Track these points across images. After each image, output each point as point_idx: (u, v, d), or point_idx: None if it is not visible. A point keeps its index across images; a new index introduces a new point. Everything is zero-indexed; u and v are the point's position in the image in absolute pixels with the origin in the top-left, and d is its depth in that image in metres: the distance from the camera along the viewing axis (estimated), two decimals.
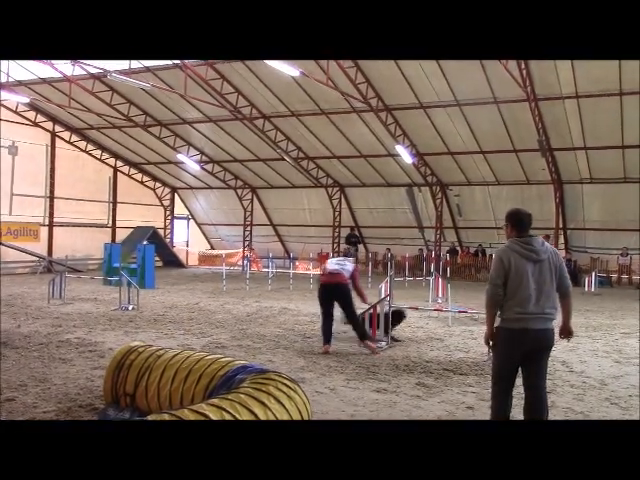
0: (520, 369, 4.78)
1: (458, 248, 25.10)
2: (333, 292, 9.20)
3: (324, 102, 19.96)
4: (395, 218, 25.68)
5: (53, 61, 18.45)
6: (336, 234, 26.79)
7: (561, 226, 22.43)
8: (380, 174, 24.35)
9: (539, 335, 4.67)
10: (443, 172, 23.34)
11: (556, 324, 4.80)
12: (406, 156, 21.25)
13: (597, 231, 22.32)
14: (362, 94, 18.40)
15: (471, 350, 9.11)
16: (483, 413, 5.74)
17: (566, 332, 4.86)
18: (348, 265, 9.43)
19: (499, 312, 4.77)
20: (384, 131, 20.55)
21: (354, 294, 9.30)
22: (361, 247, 26.89)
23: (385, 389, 6.76)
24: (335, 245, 26.71)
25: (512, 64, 15.63)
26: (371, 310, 9.68)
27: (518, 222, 4.86)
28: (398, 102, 19.28)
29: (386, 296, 10.14)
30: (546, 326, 4.70)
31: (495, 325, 4.80)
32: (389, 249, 25.24)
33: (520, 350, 4.67)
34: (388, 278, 10.78)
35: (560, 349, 9.27)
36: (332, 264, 9.57)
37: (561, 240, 22.61)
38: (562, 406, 6.17)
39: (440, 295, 14.54)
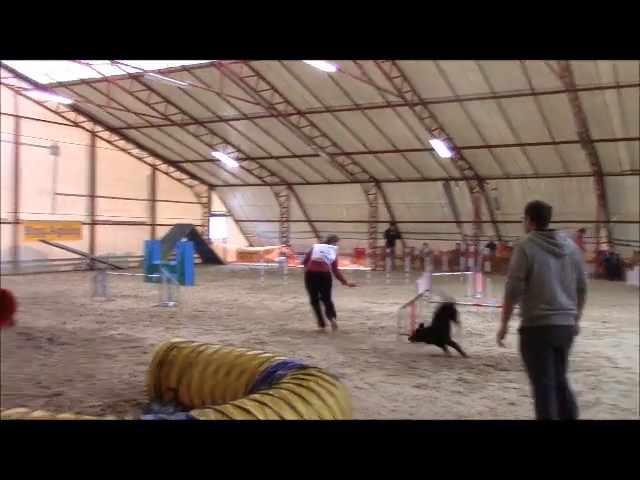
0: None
1: (496, 242, 24.79)
2: (316, 280, 10.34)
3: (359, 97, 19.91)
4: (432, 213, 25.48)
5: (92, 62, 18.79)
6: (372, 229, 26.71)
7: (603, 219, 21.96)
8: (416, 168, 24.19)
9: (564, 331, 4.61)
10: (480, 166, 23.07)
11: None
12: (442, 150, 21.07)
13: None
14: (397, 88, 18.30)
15: (512, 345, 8.96)
16: (525, 409, 5.68)
17: (576, 329, 4.76)
18: (332, 254, 10.47)
19: (521, 311, 4.67)
20: (420, 125, 20.40)
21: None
22: (398, 242, 26.79)
23: (425, 385, 6.74)
24: (372, 240, 26.63)
25: None
26: (409, 307, 9.62)
27: (538, 215, 4.74)
28: (433, 95, 19.11)
29: (425, 291, 10.09)
30: (569, 322, 4.63)
31: (520, 326, 4.67)
32: (426, 244, 25.07)
33: (550, 346, 4.59)
34: (426, 273, 10.71)
35: (604, 344, 9.11)
36: (316, 252, 10.50)
37: (602, 233, 22.14)
38: (607, 403, 6.07)
39: (479, 290, 14.38)
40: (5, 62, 20.72)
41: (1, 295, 10.48)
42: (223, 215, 31.49)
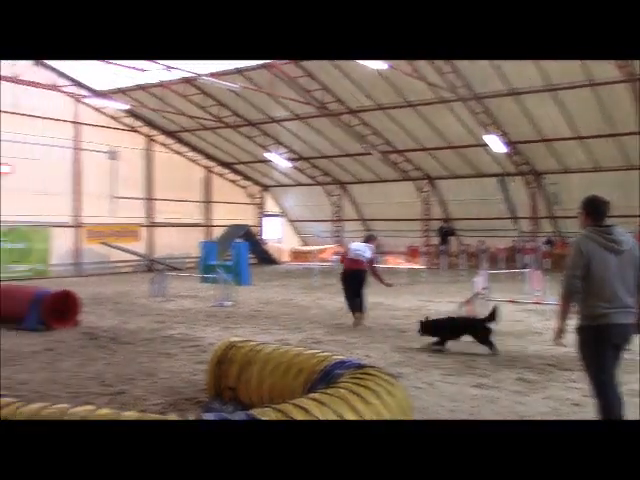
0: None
1: (555, 238, 24.18)
2: (352, 277, 10.67)
3: (411, 94, 19.74)
4: (487, 209, 25.03)
5: (148, 67, 19.23)
6: (426, 227, 26.45)
7: None
8: (470, 164, 23.85)
9: (623, 330, 4.46)
10: (537, 160, 22.55)
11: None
12: (497, 145, 20.69)
13: None
14: (450, 84, 18.06)
15: (570, 345, 8.76)
16: (589, 410, 5.51)
17: (638, 327, 4.56)
18: (367, 252, 10.64)
19: (580, 309, 4.54)
20: (473, 120, 20.09)
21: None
22: (453, 239, 26.47)
23: (485, 384, 6.63)
24: (425, 238, 26.37)
25: None
26: (465, 307, 9.49)
27: (595, 210, 4.56)
28: (487, 90, 18.78)
29: (482, 289, 9.92)
30: (629, 320, 4.46)
31: (579, 324, 4.56)
32: (482, 241, 24.67)
33: (610, 345, 4.46)
34: (482, 271, 10.54)
35: None
36: (353, 251, 10.88)
37: None
38: None
39: (537, 288, 14.06)
40: (65, 71, 21.42)
41: (65, 296, 10.84)
42: (277, 215, 31.76)
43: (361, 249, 10.81)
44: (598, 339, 4.47)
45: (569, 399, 6.05)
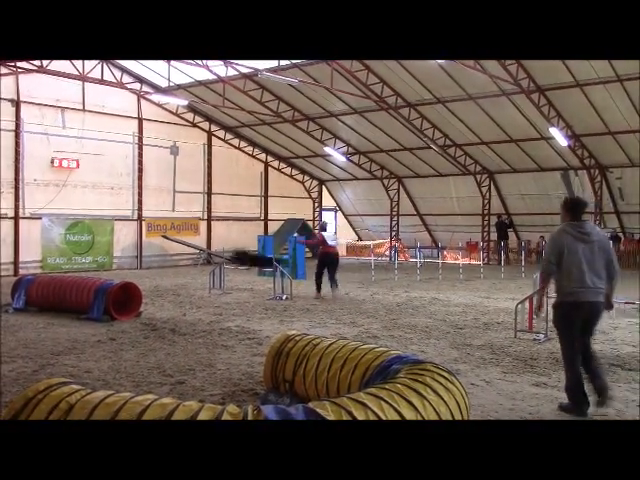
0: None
1: (621, 234, 23.37)
2: (332, 259, 13.67)
3: (471, 87, 19.38)
4: (549, 204, 24.37)
5: (208, 63, 19.53)
6: (485, 222, 25.99)
7: None
8: (532, 159, 23.27)
9: (591, 307, 5.42)
10: (602, 153, 21.81)
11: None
12: (561, 139, 20.11)
13: None
14: (512, 76, 17.64)
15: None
16: None
17: (608, 305, 5.58)
18: (339, 239, 14.37)
19: (556, 288, 5.54)
20: (536, 113, 19.58)
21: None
22: (512, 235, 25.94)
23: (545, 383, 6.47)
24: (485, 234, 25.93)
25: None
26: (527, 303, 9.28)
27: (573, 208, 5.57)
28: (552, 82, 18.25)
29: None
30: (597, 299, 5.42)
31: (555, 302, 5.57)
32: (543, 237, 24.06)
33: (579, 319, 5.41)
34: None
35: None
36: (331, 239, 13.91)
37: None
38: None
39: None
40: (129, 68, 21.97)
41: (127, 288, 11.14)
42: (333, 209, 31.78)
43: (334, 237, 14.55)
44: (570, 314, 5.44)
45: (635, 400, 5.84)
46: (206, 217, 26.09)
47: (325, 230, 14.52)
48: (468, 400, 4.45)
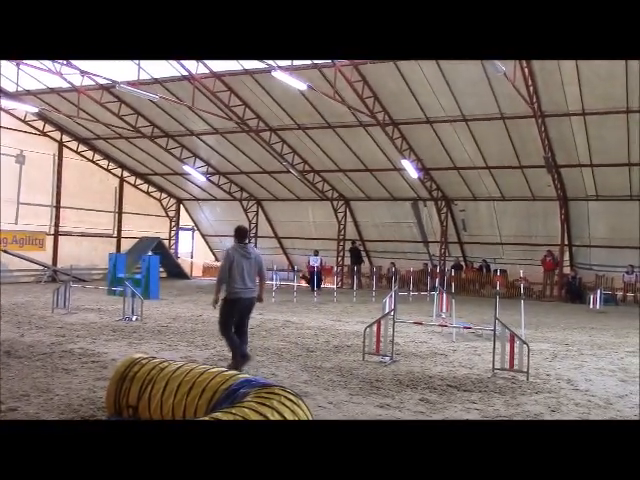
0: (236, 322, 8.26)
1: (463, 263, 25.04)
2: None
3: (331, 115, 20.03)
4: (400, 232, 25.66)
5: (62, 71, 18.57)
6: (341, 247, 26.76)
7: (566, 243, 22.38)
8: (386, 188, 24.37)
9: (247, 302, 8.27)
10: (449, 187, 23.35)
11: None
12: (412, 170, 21.28)
13: (602, 248, 22.19)
14: (369, 108, 18.46)
15: (475, 366, 9.07)
16: None
17: (259, 299, 8.53)
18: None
19: (227, 288, 8.12)
20: (390, 145, 20.59)
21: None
22: (365, 259, 26.87)
23: (388, 404, 6.72)
24: (339, 258, 26.67)
25: (519, 80, 15.67)
26: (375, 327, 9.62)
27: (239, 234, 8.40)
28: (404, 116, 19.34)
29: (390, 311, 10.09)
30: (252, 295, 8.30)
31: (224, 297, 8.17)
32: (393, 263, 25.22)
33: (238, 310, 8.18)
34: (392, 292, 10.73)
35: (565, 367, 9.23)
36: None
37: (566, 257, 22.55)
38: None
39: (444, 310, 14.48)
40: None
41: None
42: (190, 229, 31.24)
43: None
44: (232, 306, 8.12)
45: (468, 420, 6.21)
46: (53, 232, 24.62)
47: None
48: None
